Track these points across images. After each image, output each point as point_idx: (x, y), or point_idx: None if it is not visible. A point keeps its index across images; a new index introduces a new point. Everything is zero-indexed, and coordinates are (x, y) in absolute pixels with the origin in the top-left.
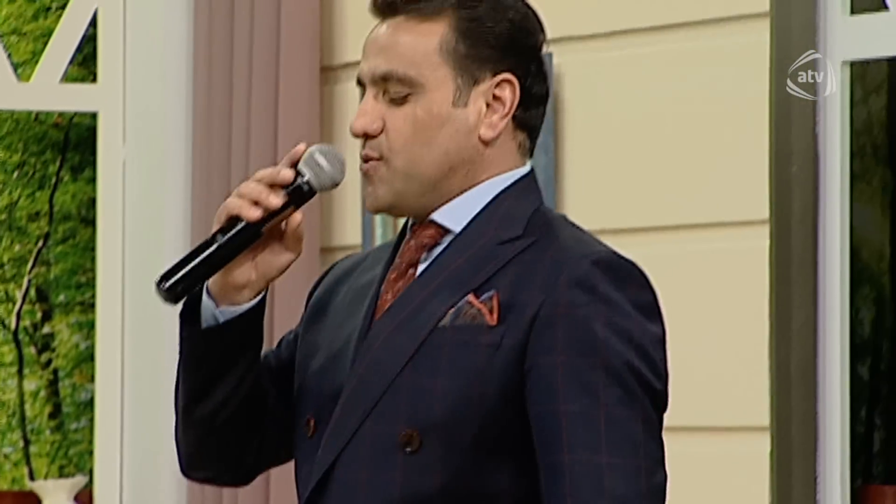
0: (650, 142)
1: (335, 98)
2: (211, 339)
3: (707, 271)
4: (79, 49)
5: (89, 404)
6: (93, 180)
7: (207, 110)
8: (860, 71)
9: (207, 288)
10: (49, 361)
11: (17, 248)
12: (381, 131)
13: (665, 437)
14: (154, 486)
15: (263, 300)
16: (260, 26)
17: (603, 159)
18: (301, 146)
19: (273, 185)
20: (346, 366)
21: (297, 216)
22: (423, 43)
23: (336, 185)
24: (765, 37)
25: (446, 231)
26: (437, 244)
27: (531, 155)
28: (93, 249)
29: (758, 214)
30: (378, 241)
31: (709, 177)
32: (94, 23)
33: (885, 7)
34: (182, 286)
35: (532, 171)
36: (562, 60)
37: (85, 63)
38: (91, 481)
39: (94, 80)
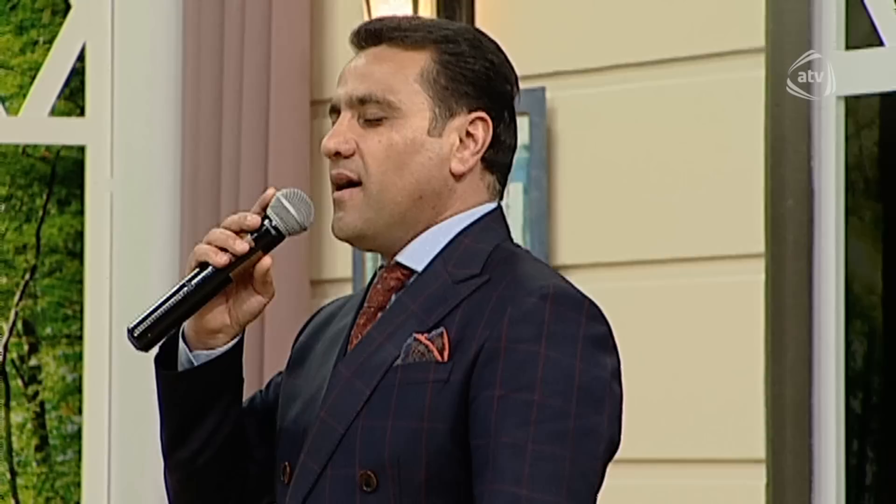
0: (644, 176)
1: (325, 132)
2: (186, 383)
3: (703, 305)
4: (67, 83)
5: (76, 436)
6: (80, 213)
7: (196, 143)
8: (853, 106)
9: (183, 332)
10: (36, 394)
11: (3, 280)
12: (354, 152)
13: (662, 468)
14: None
15: (240, 343)
16: (250, 60)
17: (596, 193)
18: (271, 191)
19: (240, 231)
20: (317, 411)
21: (266, 260)
22: (404, 69)
23: (304, 229)
24: (760, 72)
25: (412, 272)
26: (402, 286)
27: (501, 197)
28: (80, 282)
29: (753, 248)
30: (368, 274)
31: (704, 211)
32: (81, 57)
33: (880, 42)
34: (152, 333)
35: (499, 207)
36: (554, 95)
37: (73, 97)
38: None
39: (81, 113)
